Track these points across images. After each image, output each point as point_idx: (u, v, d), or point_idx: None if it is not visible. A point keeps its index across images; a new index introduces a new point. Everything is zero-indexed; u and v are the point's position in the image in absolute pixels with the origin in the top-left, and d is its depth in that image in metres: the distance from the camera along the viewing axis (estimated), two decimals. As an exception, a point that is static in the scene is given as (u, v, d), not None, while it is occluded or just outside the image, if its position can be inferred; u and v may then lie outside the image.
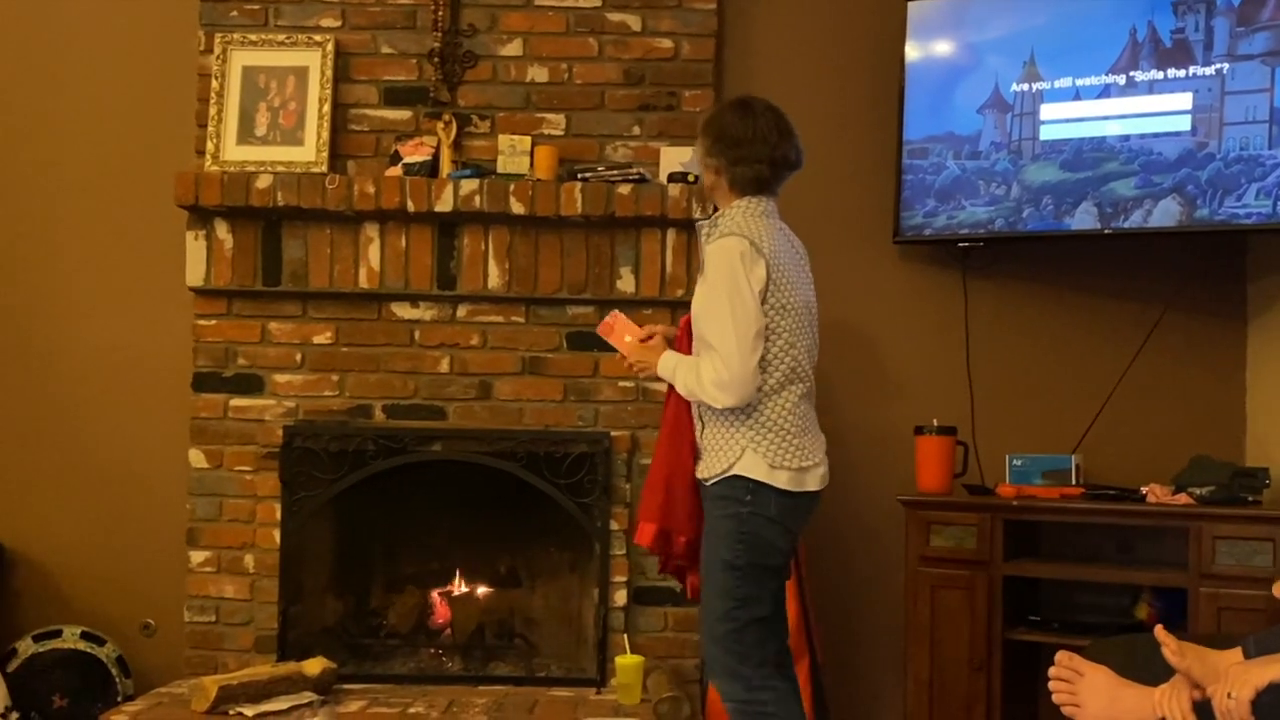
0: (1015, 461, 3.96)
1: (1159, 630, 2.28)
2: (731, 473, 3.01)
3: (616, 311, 3.47)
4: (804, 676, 3.84)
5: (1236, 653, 2.29)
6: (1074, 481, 3.88)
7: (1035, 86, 3.98)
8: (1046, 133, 3.97)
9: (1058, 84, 3.96)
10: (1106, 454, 4.01)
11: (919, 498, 3.92)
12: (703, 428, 3.10)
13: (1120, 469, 3.96)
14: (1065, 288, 4.15)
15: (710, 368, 2.98)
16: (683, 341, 3.23)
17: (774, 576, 3.08)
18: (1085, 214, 3.89)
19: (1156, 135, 3.81)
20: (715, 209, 3.26)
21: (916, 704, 3.81)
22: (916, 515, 3.87)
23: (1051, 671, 2.40)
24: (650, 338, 3.30)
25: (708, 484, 3.07)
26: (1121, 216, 3.84)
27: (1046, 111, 3.97)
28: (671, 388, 3.17)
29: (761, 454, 3.00)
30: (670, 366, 3.13)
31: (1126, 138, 3.85)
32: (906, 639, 3.86)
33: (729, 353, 2.95)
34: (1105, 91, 3.89)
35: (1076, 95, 3.93)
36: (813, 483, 3.08)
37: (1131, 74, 3.85)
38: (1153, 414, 4.05)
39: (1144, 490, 3.70)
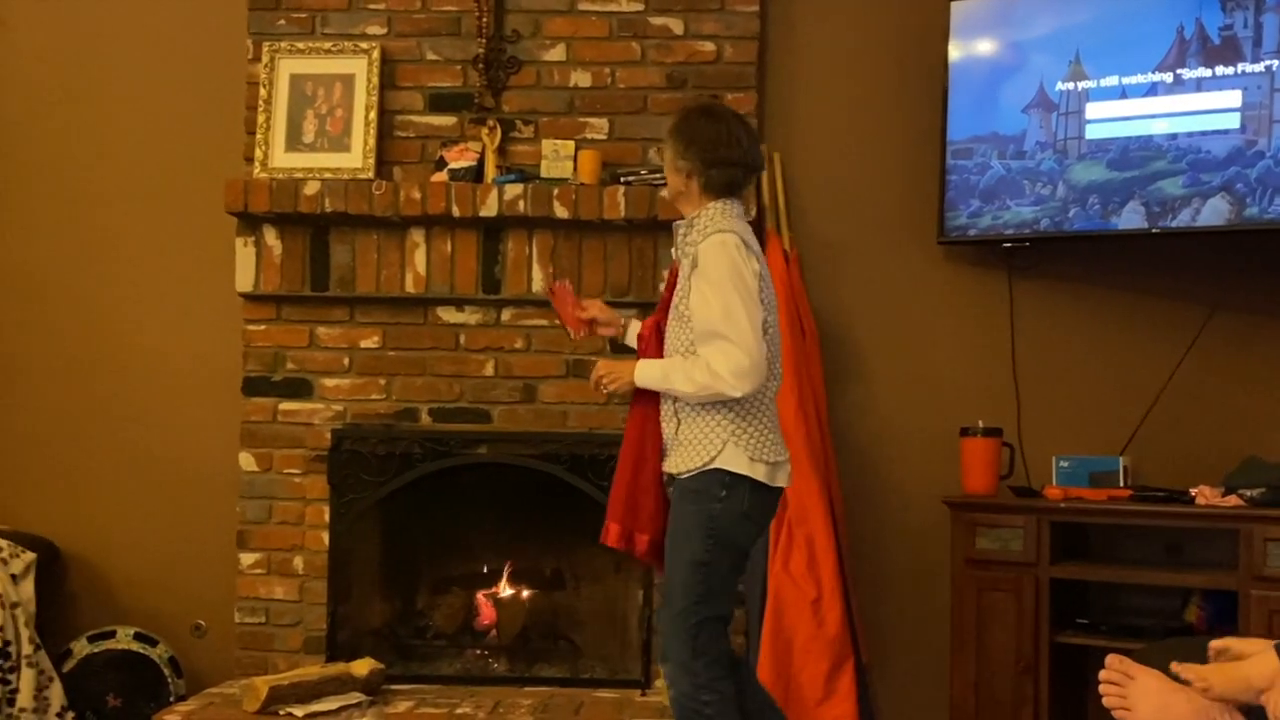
0: (1062, 463, 3.93)
1: (1174, 665, 2.27)
2: (712, 466, 2.99)
3: (566, 281, 3.46)
4: (849, 679, 3.84)
5: (1267, 658, 2.26)
6: (1122, 483, 3.85)
7: (1081, 85, 3.95)
8: (1093, 132, 3.94)
9: (1104, 82, 3.92)
10: (1155, 455, 3.97)
11: (965, 500, 3.90)
12: (678, 424, 3.06)
13: (1169, 470, 3.91)
14: (1112, 288, 4.11)
15: (726, 357, 2.93)
16: (651, 344, 3.16)
17: (736, 574, 3.11)
18: (1132, 213, 3.86)
19: (1205, 133, 3.77)
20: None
21: (963, 707, 3.79)
22: (962, 517, 3.86)
23: (1102, 675, 2.38)
24: (591, 320, 3.31)
25: (681, 478, 3.04)
26: (1169, 216, 3.81)
27: (1092, 110, 3.94)
28: (637, 394, 3.13)
29: (743, 447, 3.00)
30: (657, 373, 3.06)
31: (1174, 136, 3.81)
32: (952, 642, 3.85)
33: (746, 340, 2.93)
34: (1152, 90, 3.85)
35: (1123, 94, 3.89)
36: (783, 479, 3.10)
37: (1179, 72, 3.81)
38: (1202, 415, 4.00)
39: (1193, 492, 3.65)
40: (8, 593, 3.77)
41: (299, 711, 3.61)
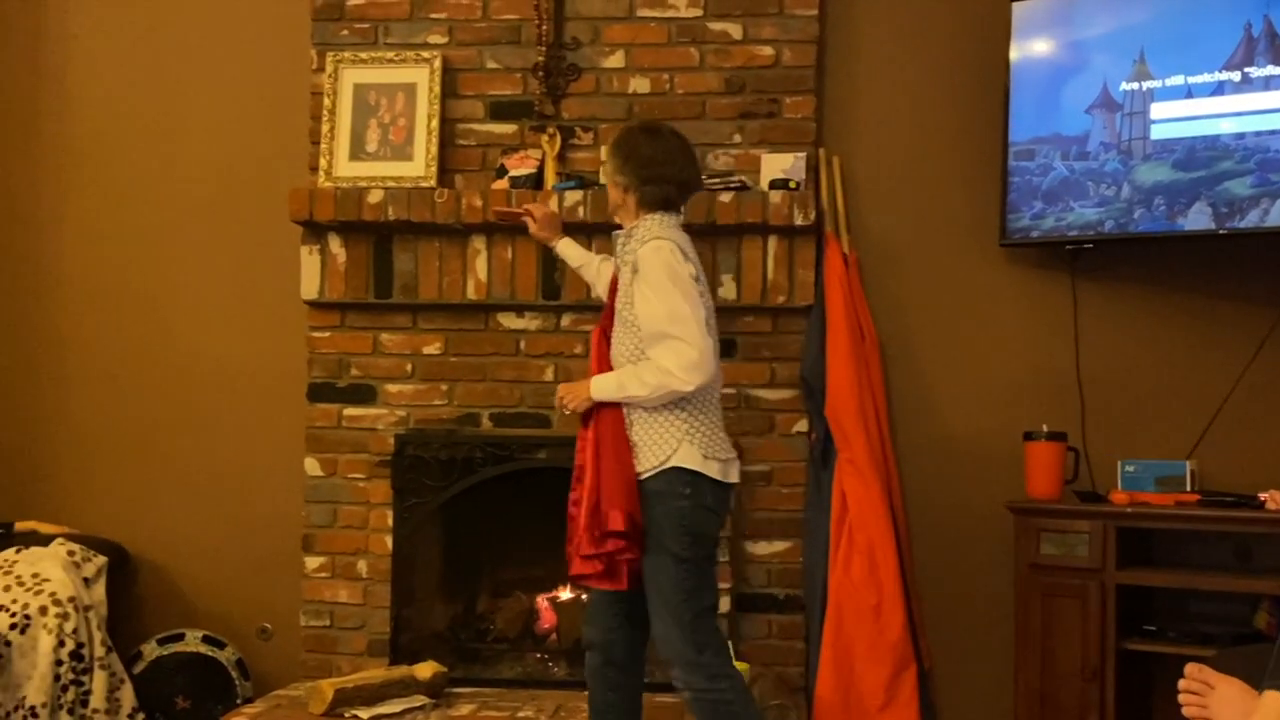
0: (1128, 467, 3.89)
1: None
2: (670, 464, 3.09)
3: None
4: (910, 685, 3.82)
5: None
6: (1189, 488, 3.79)
7: (1145, 85, 3.91)
8: (1158, 132, 3.89)
9: (1169, 82, 3.87)
10: (1222, 460, 3.91)
11: (1029, 505, 3.86)
12: (632, 426, 3.15)
13: (1237, 475, 3.85)
14: (1178, 289, 4.06)
15: (676, 354, 3.05)
16: (600, 352, 3.27)
17: (713, 565, 3.21)
18: (1199, 214, 3.80)
19: (1273, 132, 3.71)
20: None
21: (1027, 714, 3.75)
22: (1027, 522, 3.82)
23: (1181, 684, 2.35)
24: (526, 211, 3.64)
25: (644, 479, 3.11)
26: (1237, 216, 3.75)
27: (1157, 110, 3.89)
28: (593, 410, 3.19)
29: (697, 445, 3.10)
30: (611, 384, 3.15)
31: (1241, 135, 3.76)
32: (1016, 648, 3.81)
33: (693, 334, 3.06)
34: (1219, 89, 3.79)
35: (1189, 93, 3.84)
36: (734, 475, 3.21)
37: (1246, 70, 3.76)
38: (1270, 418, 3.93)
39: (1262, 497, 3.59)
40: (81, 596, 3.85)
41: (364, 714, 3.64)
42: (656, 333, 3.09)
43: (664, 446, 3.11)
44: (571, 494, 3.21)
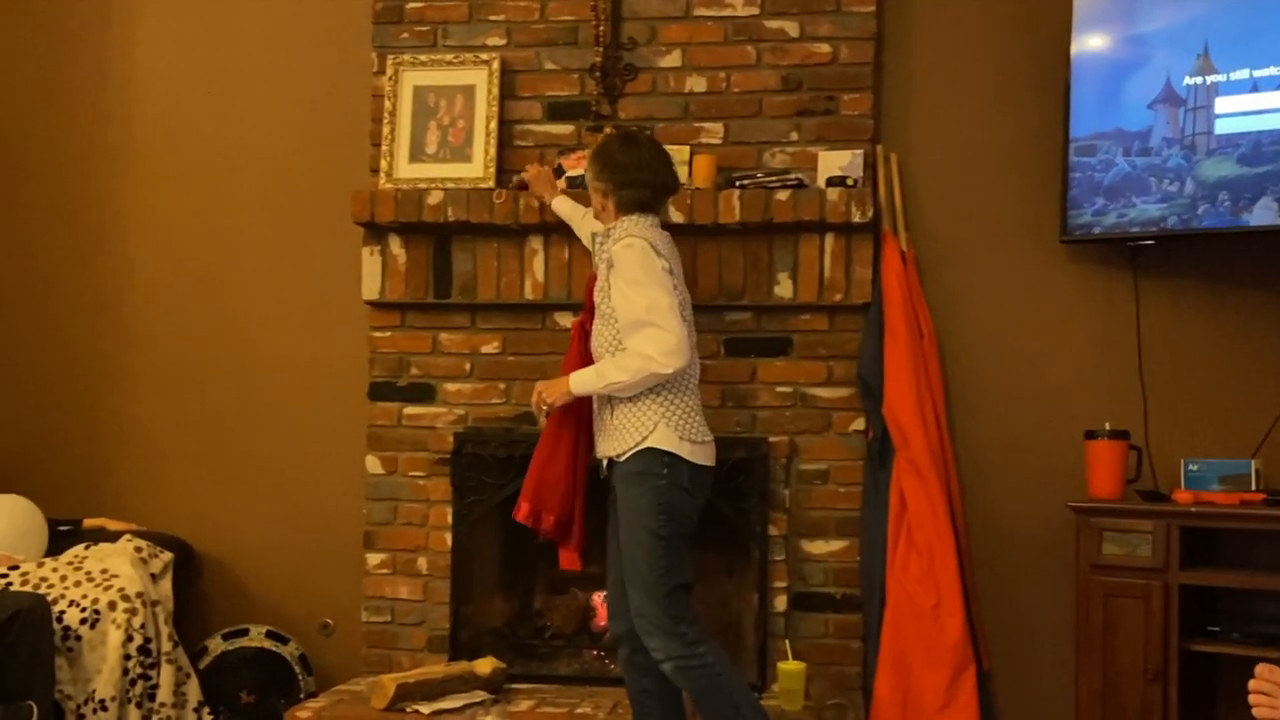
0: (1191, 466, 3.83)
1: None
2: (645, 445, 3.28)
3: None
4: (969, 686, 3.80)
5: None
6: (1254, 487, 3.73)
7: (1210, 79, 3.85)
8: (1222, 126, 3.83)
9: (1234, 76, 3.81)
10: (1289, 458, 3.85)
11: (1090, 504, 3.82)
12: (611, 410, 3.35)
13: (1304, 474, 3.79)
14: (1242, 286, 3.99)
15: (655, 340, 3.25)
16: (577, 346, 3.54)
17: (688, 544, 3.34)
18: (1265, 209, 3.74)
19: (1341, 126, 3.65)
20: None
21: (1088, 716, 3.71)
22: (1088, 522, 3.78)
23: (1252, 684, 2.32)
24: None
25: (620, 460, 3.32)
26: (1304, 211, 3.69)
27: (1222, 105, 3.83)
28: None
29: (673, 427, 3.29)
30: (590, 377, 3.36)
31: (1309, 130, 3.70)
32: (1078, 648, 3.77)
33: (668, 320, 3.25)
34: (1286, 82, 3.74)
35: (1254, 87, 3.78)
36: (711, 458, 3.39)
37: (1314, 63, 3.70)
38: (1340, 417, 3.87)
39: (1330, 496, 3.54)
40: (148, 591, 3.91)
41: (425, 709, 3.68)
42: (634, 322, 3.27)
43: (640, 428, 3.29)
44: None
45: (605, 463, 3.42)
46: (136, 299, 4.58)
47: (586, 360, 3.46)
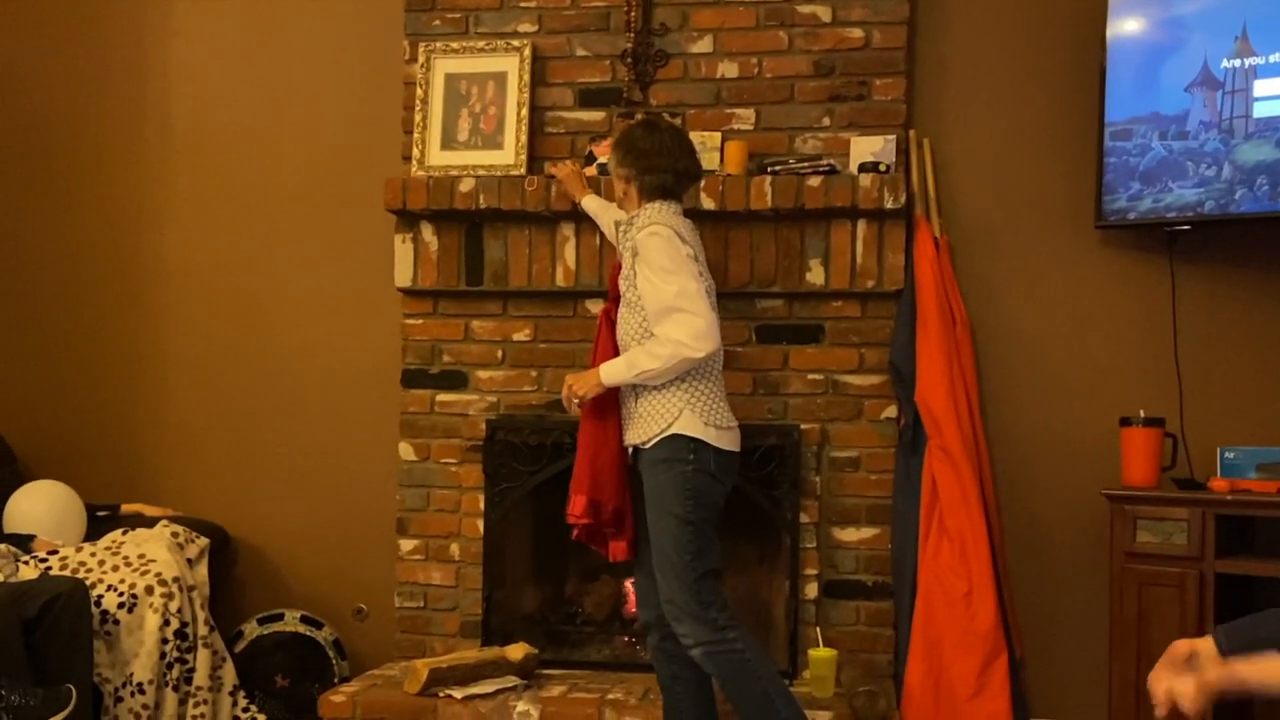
0: (1227, 454, 3.79)
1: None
2: (670, 431, 3.28)
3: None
4: (1001, 674, 3.78)
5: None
6: (1291, 474, 3.70)
7: (1248, 62, 3.80)
8: (1261, 110, 3.78)
9: (1272, 59, 3.76)
10: (1328, 446, 3.80)
11: (1125, 492, 3.78)
12: (636, 398, 3.35)
13: (1342, 461, 3.74)
14: (1281, 272, 3.95)
15: (685, 325, 3.24)
16: (604, 336, 3.49)
17: (716, 530, 3.34)
18: (1304, 194, 3.70)
19: (1382, 108, 3.59)
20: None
21: (1121, 704, 3.69)
22: (1123, 510, 3.75)
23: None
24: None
25: (646, 447, 3.32)
26: (1344, 196, 3.64)
27: (1261, 88, 3.78)
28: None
29: (698, 413, 3.28)
30: (621, 366, 3.34)
31: (1349, 112, 3.64)
32: (1111, 637, 3.74)
33: (698, 304, 3.25)
34: (1326, 65, 3.68)
35: (1293, 70, 3.73)
36: (736, 444, 3.38)
37: (1355, 45, 3.64)
38: (1380, 404, 3.82)
39: (1369, 484, 3.50)
40: (185, 576, 3.95)
41: (458, 693, 3.71)
42: (663, 308, 3.26)
43: (665, 415, 3.29)
44: None
45: (631, 450, 3.42)
46: (172, 287, 4.62)
47: (614, 350, 3.45)
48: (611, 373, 3.35)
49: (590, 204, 3.93)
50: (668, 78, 4.20)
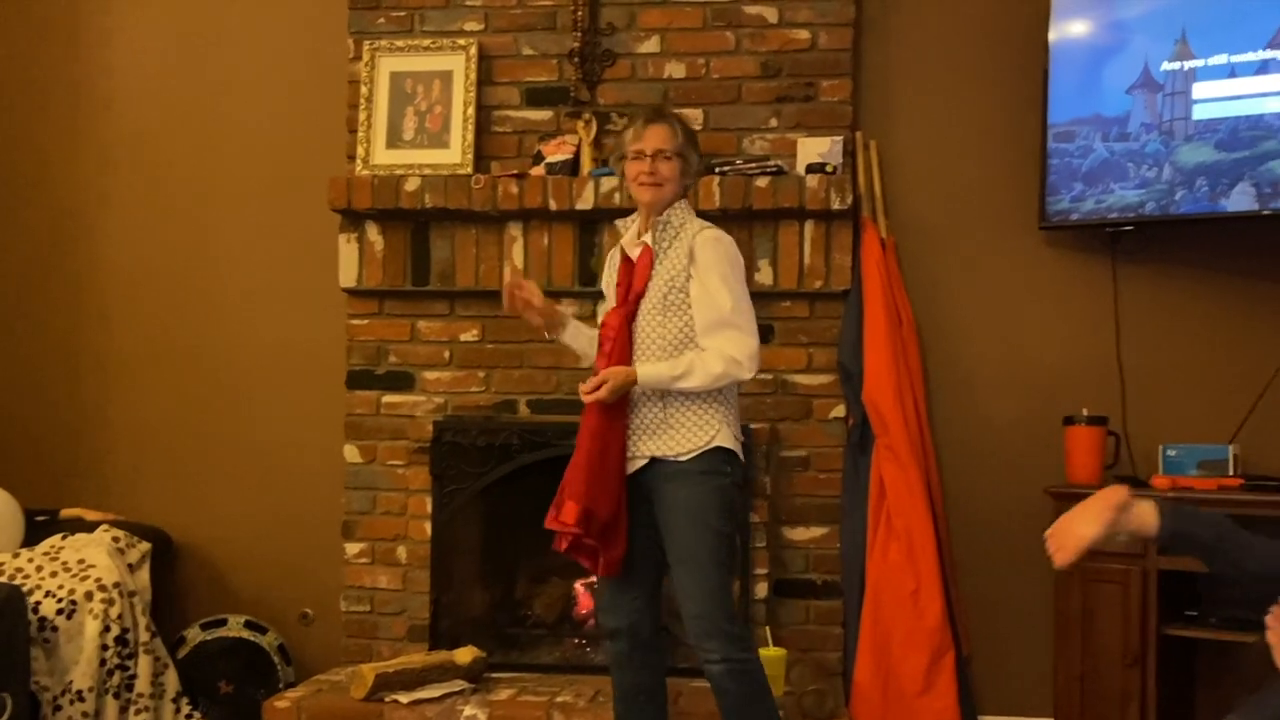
0: (1169, 452, 3.85)
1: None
2: (714, 444, 3.13)
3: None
4: (949, 671, 3.81)
5: None
6: (1232, 472, 3.75)
7: (1187, 65, 3.86)
8: (1200, 112, 3.84)
9: (1211, 61, 3.82)
10: (1266, 443, 3.86)
11: (1069, 489, 3.82)
12: (665, 407, 3.14)
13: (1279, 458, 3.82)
14: (1221, 271, 4.01)
15: (739, 343, 3.11)
16: (622, 337, 3.14)
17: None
18: (1242, 195, 3.75)
19: (1318, 112, 3.66)
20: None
21: (1067, 699, 3.73)
22: (1066, 508, 3.72)
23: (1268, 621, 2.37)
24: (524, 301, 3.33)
25: (682, 459, 3.12)
26: (1281, 197, 3.70)
27: (1199, 90, 3.84)
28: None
29: (730, 428, 3.18)
30: (664, 372, 3.09)
31: (1286, 115, 3.71)
32: (1057, 633, 3.79)
33: (752, 323, 3.14)
34: (1263, 68, 3.74)
35: (1232, 72, 3.79)
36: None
37: (1291, 48, 3.71)
38: (1317, 401, 3.89)
39: (1308, 481, 3.56)
40: (125, 581, 3.89)
41: (404, 698, 3.67)
42: (717, 321, 3.11)
43: (707, 429, 3.14)
44: None
45: (644, 462, 3.17)
46: (113, 287, 4.54)
47: (628, 356, 3.14)
48: (652, 375, 3.11)
49: (569, 331, 3.42)
50: (615, 77, 4.19)
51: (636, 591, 3.22)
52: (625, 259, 3.24)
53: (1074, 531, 2.46)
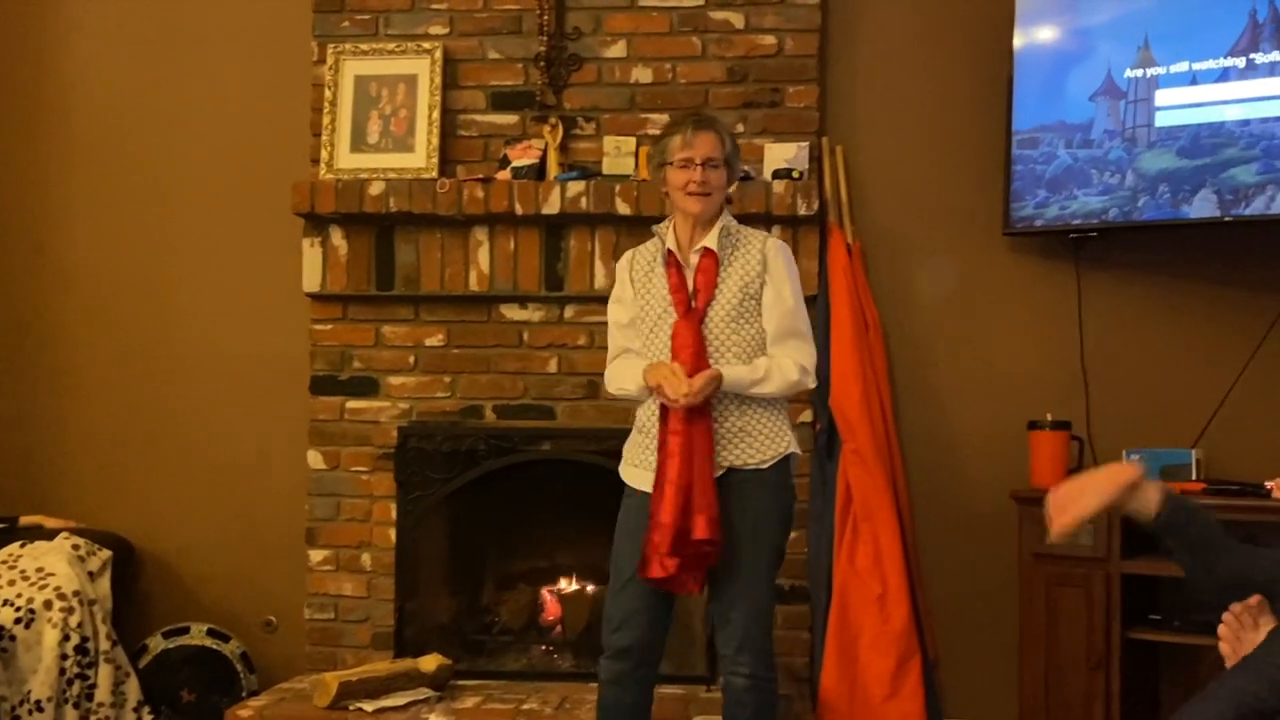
0: (1132, 457, 3.86)
1: None
2: (788, 451, 3.11)
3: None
4: (915, 675, 3.82)
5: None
6: (1194, 477, 3.78)
7: (1150, 72, 3.89)
8: (1162, 119, 3.87)
9: (1173, 69, 3.85)
10: (1228, 448, 3.89)
11: (1033, 493, 3.83)
12: (741, 413, 3.07)
13: (1243, 463, 3.84)
14: (1183, 278, 4.04)
15: (806, 353, 3.12)
16: (696, 342, 3.04)
17: None
18: (1204, 202, 3.79)
19: (1279, 119, 3.69)
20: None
21: (1032, 703, 3.75)
22: (1031, 512, 3.80)
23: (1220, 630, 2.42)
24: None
25: (764, 468, 3.07)
26: (1242, 203, 3.73)
27: (1162, 97, 3.87)
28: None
29: (794, 435, 3.17)
30: (744, 376, 3.03)
31: (1247, 122, 3.74)
32: (1021, 637, 3.80)
33: (812, 337, 3.17)
34: (1224, 75, 3.78)
35: (1193, 80, 3.82)
36: None
37: (1251, 56, 3.74)
38: (1276, 406, 3.92)
39: (1268, 485, 3.59)
40: (85, 590, 3.85)
41: (369, 707, 3.65)
42: (789, 329, 3.10)
43: (783, 436, 3.11)
44: (654, 490, 3.04)
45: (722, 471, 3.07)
46: (73, 291, 4.49)
47: (703, 359, 3.04)
48: (733, 378, 3.03)
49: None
50: (581, 82, 4.18)
51: (662, 610, 3.13)
52: (676, 266, 3.13)
53: (1078, 500, 2.42)
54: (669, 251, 3.14)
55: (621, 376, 3.19)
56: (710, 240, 3.12)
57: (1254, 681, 2.20)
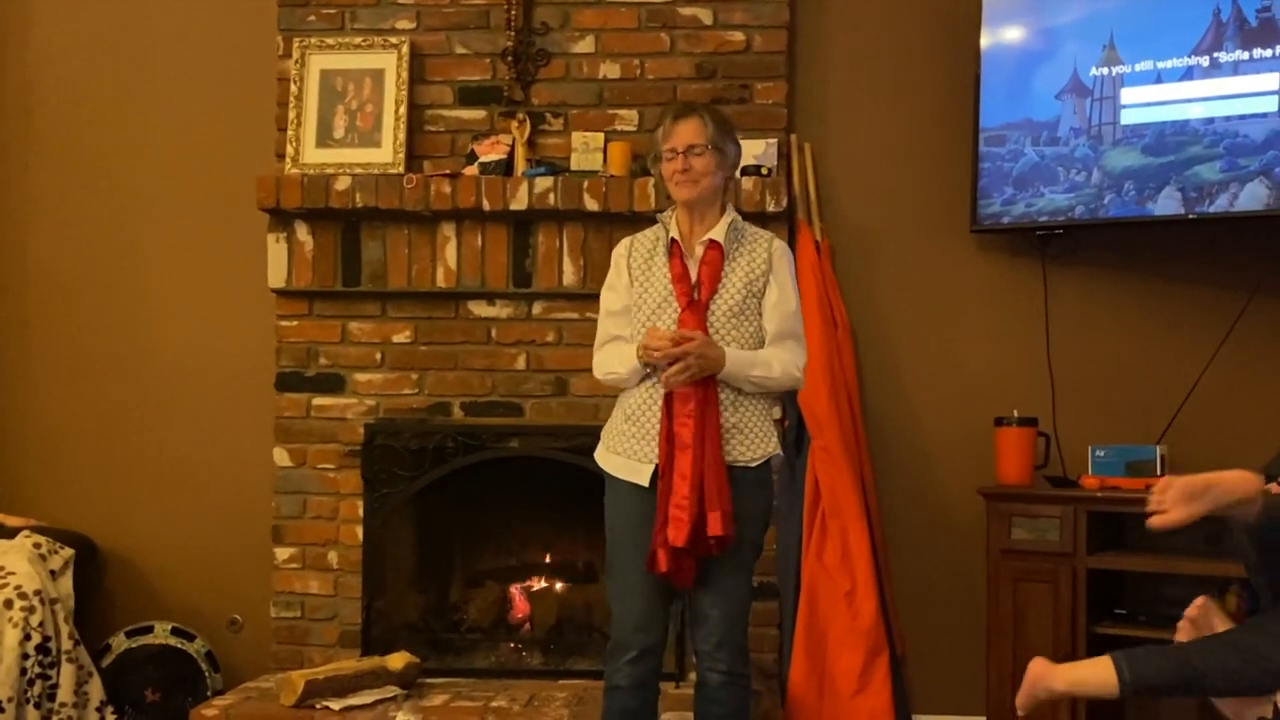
0: (1098, 452, 3.90)
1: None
2: (773, 452, 3.07)
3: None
4: (883, 671, 3.83)
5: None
6: (1159, 472, 3.79)
7: (1115, 70, 3.91)
8: (1127, 117, 3.90)
9: (1138, 67, 3.88)
10: (1193, 444, 3.92)
11: (1000, 490, 3.88)
12: (737, 408, 3.01)
13: (1207, 459, 3.79)
14: (1148, 275, 4.07)
15: (800, 354, 3.09)
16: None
17: None
18: (1169, 199, 3.82)
19: (1242, 117, 3.72)
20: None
21: (999, 699, 3.77)
22: (998, 508, 3.83)
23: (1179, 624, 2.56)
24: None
25: (752, 466, 3.02)
26: (1206, 201, 3.76)
27: (1127, 95, 3.90)
28: (694, 390, 2.96)
29: (777, 437, 3.12)
30: (744, 362, 2.99)
31: (1211, 120, 3.77)
32: (988, 632, 3.82)
33: (805, 346, 3.13)
34: (1188, 74, 3.80)
35: (1158, 78, 3.85)
36: None
37: (1215, 55, 3.77)
38: (1240, 402, 3.96)
39: (1231, 480, 3.61)
40: (47, 589, 3.80)
41: (335, 705, 3.62)
42: (787, 330, 3.07)
43: (769, 435, 3.07)
44: (662, 483, 2.97)
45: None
46: (34, 288, 4.44)
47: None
48: (736, 364, 2.98)
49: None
50: (549, 77, 4.17)
51: (666, 610, 3.10)
52: (680, 255, 3.07)
53: (1201, 497, 2.44)
54: (674, 241, 3.10)
55: (611, 361, 3.12)
56: (717, 233, 3.08)
57: (1267, 644, 2.32)
